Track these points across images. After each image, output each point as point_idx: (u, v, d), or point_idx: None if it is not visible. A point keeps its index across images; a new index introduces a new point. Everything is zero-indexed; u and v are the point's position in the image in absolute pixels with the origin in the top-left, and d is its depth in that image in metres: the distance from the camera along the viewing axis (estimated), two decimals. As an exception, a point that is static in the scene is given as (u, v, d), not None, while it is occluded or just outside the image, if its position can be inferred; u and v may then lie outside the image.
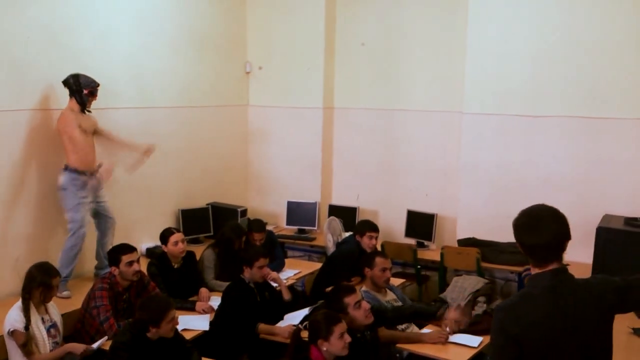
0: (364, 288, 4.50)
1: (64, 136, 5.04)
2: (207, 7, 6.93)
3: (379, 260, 4.50)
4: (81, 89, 5.04)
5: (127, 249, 4.49)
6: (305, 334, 3.62)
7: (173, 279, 5.05)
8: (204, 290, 5.10)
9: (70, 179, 5.04)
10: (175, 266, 5.16)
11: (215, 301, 4.83)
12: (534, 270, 2.39)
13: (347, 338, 3.42)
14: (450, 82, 6.68)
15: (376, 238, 5.64)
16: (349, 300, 3.72)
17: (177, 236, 5.14)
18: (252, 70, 7.62)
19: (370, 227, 5.65)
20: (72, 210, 5.07)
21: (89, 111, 5.16)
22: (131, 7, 5.95)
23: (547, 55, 6.06)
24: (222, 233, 5.65)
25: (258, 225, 5.91)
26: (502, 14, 6.21)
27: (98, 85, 5.14)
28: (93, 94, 5.10)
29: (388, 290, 4.59)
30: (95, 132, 5.31)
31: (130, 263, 4.42)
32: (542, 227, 2.34)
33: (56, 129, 5.10)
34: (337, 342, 3.39)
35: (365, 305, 3.75)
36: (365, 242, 5.56)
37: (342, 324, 3.44)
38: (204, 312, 4.76)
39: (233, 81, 7.48)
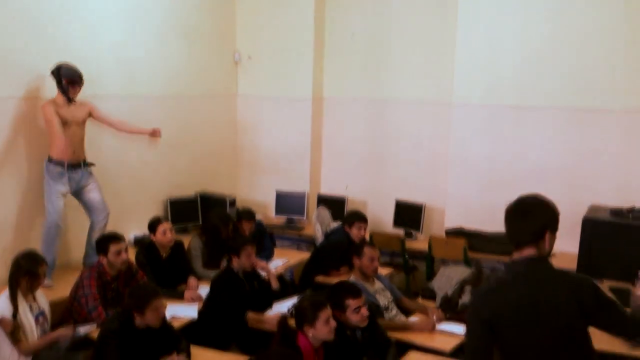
0: (352, 277, 4.53)
1: (46, 127, 5.03)
2: (196, -5, 6.90)
3: (367, 250, 4.53)
4: (61, 79, 5.02)
5: (115, 238, 4.49)
6: (292, 322, 3.64)
7: (161, 269, 5.04)
8: (192, 280, 5.10)
9: (47, 169, 5.05)
10: (164, 256, 5.15)
11: (204, 290, 4.83)
12: (515, 255, 2.44)
13: (333, 323, 3.44)
14: (440, 73, 6.69)
15: (365, 229, 5.67)
16: (352, 302, 3.68)
17: (165, 225, 5.14)
18: (241, 60, 7.59)
19: (359, 217, 5.68)
20: (47, 201, 5.08)
21: (73, 101, 5.11)
22: (119, -5, 5.91)
23: (537, 46, 6.09)
24: (209, 220, 5.65)
25: (248, 214, 5.92)
26: (492, 5, 6.22)
27: (79, 75, 5.08)
28: (72, 83, 5.05)
29: (376, 280, 4.61)
30: (95, 119, 5.30)
31: (118, 252, 4.42)
32: (530, 215, 2.40)
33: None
34: (323, 327, 3.41)
35: (365, 312, 3.70)
36: (354, 232, 5.58)
37: (327, 309, 3.46)
38: (193, 301, 4.77)
39: (222, 70, 7.45)
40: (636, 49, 5.74)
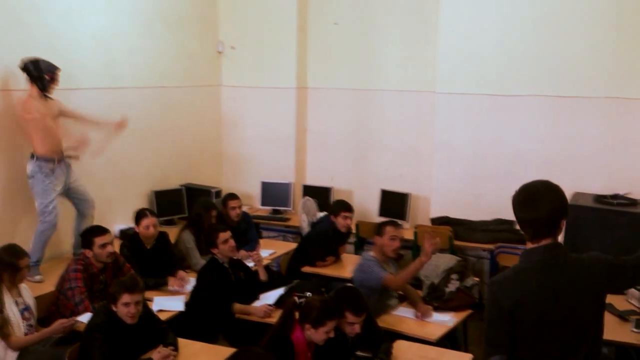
0: (371, 253, 4.51)
1: (28, 124, 4.93)
2: (178, -15, 6.83)
3: (389, 228, 4.48)
4: (42, 75, 4.92)
5: (100, 230, 4.46)
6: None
7: (146, 259, 5.01)
8: (181, 272, 5.04)
9: (37, 167, 4.97)
10: (148, 247, 5.11)
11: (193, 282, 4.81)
12: (529, 245, 2.41)
13: (331, 334, 3.47)
14: (423, 62, 6.70)
15: (351, 218, 5.68)
16: (350, 317, 3.61)
17: (149, 221, 5.04)
18: (225, 50, 7.54)
19: (345, 207, 5.68)
20: (41, 197, 5.00)
21: (49, 97, 5.04)
22: (100, -15, 5.83)
23: (519, 35, 6.11)
24: (192, 211, 5.64)
25: (231, 194, 5.96)
26: (475, -6, 6.23)
27: (59, 69, 5.02)
28: (54, 79, 4.99)
29: (391, 264, 4.59)
30: (61, 114, 5.22)
31: (104, 245, 4.39)
32: (538, 203, 2.35)
33: (19, 116, 4.98)
34: (322, 334, 3.45)
35: (357, 329, 3.64)
36: (340, 222, 5.59)
37: (334, 321, 3.49)
38: (176, 290, 4.77)
39: (205, 61, 7.40)
40: (617, 36, 5.77)
